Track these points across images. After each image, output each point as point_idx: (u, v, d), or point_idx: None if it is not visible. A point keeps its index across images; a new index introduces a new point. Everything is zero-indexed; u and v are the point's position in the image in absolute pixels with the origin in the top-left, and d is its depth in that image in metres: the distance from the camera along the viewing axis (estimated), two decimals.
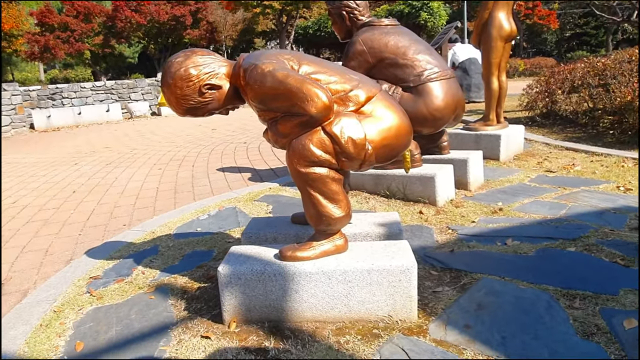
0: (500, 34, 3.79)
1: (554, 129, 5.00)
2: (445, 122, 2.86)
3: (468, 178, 3.07)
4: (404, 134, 1.57)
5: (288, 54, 1.59)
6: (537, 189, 3.04)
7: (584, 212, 2.54)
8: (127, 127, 10.47)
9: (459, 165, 3.07)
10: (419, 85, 2.78)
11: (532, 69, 21.88)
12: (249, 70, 1.50)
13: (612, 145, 4.14)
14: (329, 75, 1.55)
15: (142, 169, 4.93)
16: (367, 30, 2.92)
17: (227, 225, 2.74)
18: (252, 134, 7.17)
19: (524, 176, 3.40)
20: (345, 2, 3.04)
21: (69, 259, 2.53)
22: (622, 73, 4.49)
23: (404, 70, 2.81)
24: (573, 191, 2.95)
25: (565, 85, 4.98)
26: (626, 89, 4.16)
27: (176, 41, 26.90)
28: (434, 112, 2.77)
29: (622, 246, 2.05)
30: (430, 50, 2.90)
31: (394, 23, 2.97)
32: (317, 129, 1.46)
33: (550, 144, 4.39)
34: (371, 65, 2.88)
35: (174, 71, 1.57)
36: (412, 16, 22.48)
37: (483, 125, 4.01)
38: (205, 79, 1.58)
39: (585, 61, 5.21)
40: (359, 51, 2.88)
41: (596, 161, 3.71)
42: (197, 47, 10.25)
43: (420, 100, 2.77)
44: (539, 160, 3.88)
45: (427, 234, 2.39)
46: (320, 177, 1.48)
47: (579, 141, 4.45)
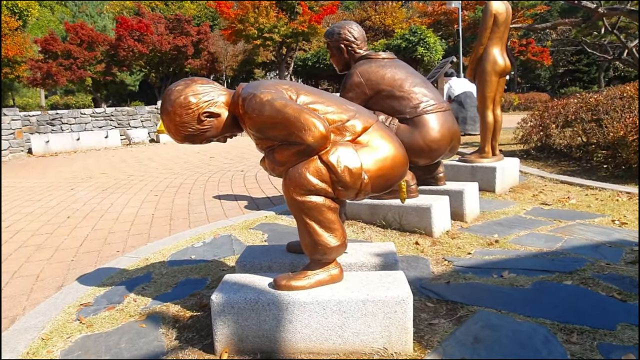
0: (494, 69, 3.88)
1: (548, 162, 5.05)
2: (441, 154, 2.89)
3: (464, 209, 3.07)
4: (400, 164, 1.58)
5: (286, 84, 1.61)
6: (532, 222, 3.04)
7: (580, 245, 2.53)
8: (125, 154, 10.50)
9: (455, 196, 3.08)
10: (415, 117, 2.82)
11: (526, 104, 22.25)
12: (247, 99, 1.53)
13: (606, 179, 4.17)
14: (326, 105, 1.57)
15: (138, 195, 4.92)
16: (364, 62, 2.99)
17: (222, 253, 2.71)
18: (250, 162, 7.20)
19: (519, 208, 3.41)
20: (344, 35, 3.12)
21: (60, 285, 2.49)
22: (614, 109, 4.58)
23: (401, 102, 2.85)
24: (569, 224, 2.95)
25: (559, 120, 5.06)
26: (618, 124, 4.23)
27: (177, 70, 27.30)
28: (430, 143, 2.80)
29: (619, 280, 2.04)
30: (426, 83, 2.96)
31: (391, 56, 3.04)
32: (313, 157, 1.47)
33: (545, 177, 4.42)
34: (368, 96, 2.93)
35: (173, 99, 1.59)
36: (409, 50, 22.98)
37: (479, 157, 4.04)
38: (205, 107, 1.60)
39: (578, 97, 5.31)
40: (357, 83, 2.93)
41: (591, 195, 3.73)
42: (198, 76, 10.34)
43: (416, 132, 2.81)
44: (534, 192, 3.90)
45: (423, 265, 2.37)
46: (317, 205, 1.48)
47: (574, 175, 4.48)
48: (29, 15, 27.21)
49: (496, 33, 3.85)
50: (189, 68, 26.76)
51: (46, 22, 31.84)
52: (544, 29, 8.56)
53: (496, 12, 3.79)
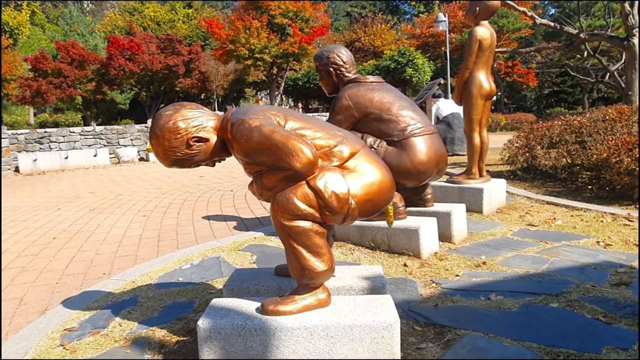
0: (480, 93, 3.96)
1: (534, 183, 5.12)
2: (429, 176, 2.92)
3: (452, 231, 3.10)
4: (387, 189, 1.60)
5: (275, 110, 1.64)
6: (519, 243, 3.07)
7: (566, 266, 2.56)
8: (114, 172, 10.43)
9: (442, 218, 3.11)
10: (402, 140, 2.86)
11: (512, 124, 22.65)
12: (236, 124, 1.55)
13: (590, 200, 4.24)
14: (314, 131, 1.60)
15: (126, 215, 4.88)
16: (353, 86, 3.04)
17: (210, 276, 2.69)
18: (239, 182, 7.19)
19: (506, 229, 3.44)
20: (333, 59, 3.18)
21: (44, 309, 2.45)
22: (597, 131, 4.68)
23: (389, 125, 2.90)
24: (555, 245, 2.99)
25: (544, 141, 5.15)
26: (602, 146, 4.32)
27: (168, 89, 27.39)
28: (418, 165, 2.84)
29: (604, 302, 2.06)
30: (413, 107, 3.01)
31: (379, 80, 3.10)
32: (301, 183, 1.49)
33: (532, 198, 4.48)
34: (357, 119, 2.97)
35: (162, 124, 1.61)
36: (398, 71, 23.33)
37: (466, 178, 4.09)
38: (193, 132, 1.61)
39: (562, 119, 5.42)
40: (345, 106, 2.98)
41: (576, 215, 3.79)
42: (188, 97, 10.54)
43: (404, 154, 2.84)
44: (521, 213, 3.94)
45: (411, 287, 2.38)
46: (304, 230, 1.49)
47: (559, 195, 4.55)
48: (19, 34, 27.22)
49: (481, 58, 3.94)
50: (179, 87, 26.87)
51: (37, 40, 31.86)
52: (528, 52, 8.75)
53: (481, 37, 3.89)
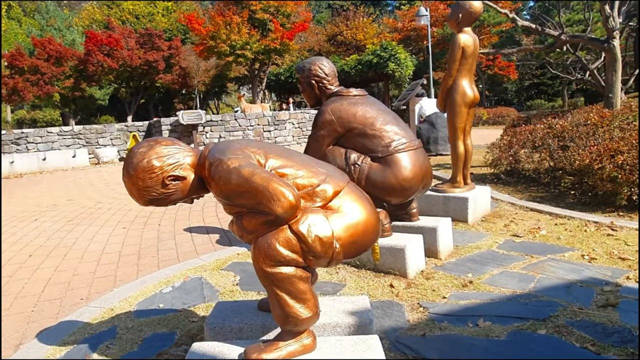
0: (464, 101, 3.92)
1: (518, 187, 5.14)
2: (414, 192, 2.88)
3: (438, 246, 3.07)
4: (372, 229, 1.55)
5: (254, 146, 1.57)
6: (505, 257, 3.06)
7: (552, 285, 2.55)
8: (93, 175, 10.20)
9: (428, 233, 3.08)
10: (387, 156, 2.81)
11: (494, 118, 22.85)
12: (214, 165, 1.47)
13: (573, 207, 4.26)
14: (296, 169, 1.53)
15: (105, 227, 4.75)
16: (335, 100, 2.97)
17: (192, 301, 2.62)
18: None
19: (492, 241, 3.43)
20: (315, 72, 3.10)
21: (18, 344, 2.35)
22: (580, 136, 4.70)
23: (372, 141, 2.84)
24: (540, 260, 2.98)
25: (527, 145, 5.17)
26: (584, 152, 4.34)
27: (148, 85, 26.91)
28: (403, 182, 2.79)
29: (591, 328, 2.05)
30: (397, 121, 2.96)
31: (362, 93, 3.03)
32: (283, 227, 1.42)
33: (516, 204, 4.49)
34: (340, 134, 2.91)
35: (136, 162, 1.52)
36: (381, 66, 23.30)
37: (451, 187, 4.07)
38: (169, 171, 1.53)
39: (545, 122, 5.44)
40: (328, 121, 2.91)
41: (560, 224, 3.80)
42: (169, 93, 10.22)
43: (388, 171, 2.79)
44: (505, 222, 3.94)
45: (398, 312, 2.34)
46: (287, 276, 1.43)
47: (543, 201, 4.57)
48: None
49: (465, 65, 3.90)
50: (160, 83, 26.41)
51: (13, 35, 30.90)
52: (510, 54, 8.83)
53: (464, 45, 3.85)
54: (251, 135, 15.07)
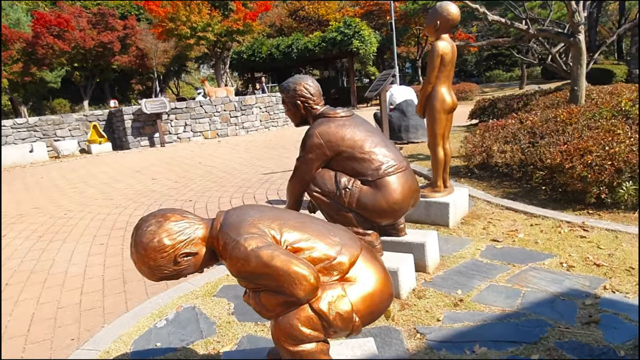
0: (443, 107, 3.98)
1: (491, 182, 5.30)
2: (404, 213, 2.93)
3: (426, 261, 3.16)
4: (387, 296, 1.58)
5: (269, 218, 1.55)
6: (489, 268, 3.19)
7: (537, 300, 2.69)
8: (56, 172, 9.78)
9: (417, 249, 3.16)
10: (377, 180, 2.83)
11: (458, 94, 23.24)
12: (230, 245, 1.45)
13: (546, 204, 4.45)
14: (311, 242, 1.53)
15: (82, 244, 4.60)
16: (323, 122, 2.95)
17: (189, 336, 2.61)
18: (197, 186, 6.96)
19: (474, 249, 3.55)
20: (300, 92, 3.07)
21: None
22: (550, 133, 4.87)
23: (362, 164, 2.85)
24: (522, 269, 3.12)
25: (499, 141, 5.31)
26: (555, 150, 4.50)
27: (104, 67, 25.72)
28: (393, 205, 2.83)
29: (579, 350, 2.19)
30: (385, 142, 2.98)
31: (349, 114, 3.03)
32: (304, 306, 1.43)
33: (492, 202, 4.64)
34: (328, 157, 2.91)
35: (146, 242, 1.48)
36: (345, 43, 23.14)
37: (432, 191, 4.16)
38: (181, 248, 1.50)
39: (515, 117, 5.59)
40: (317, 144, 2.90)
41: (535, 225, 3.96)
42: (126, 75, 9.80)
43: (379, 194, 2.82)
44: (484, 224, 4.08)
45: (397, 339, 2.41)
46: (309, 352, 1.45)
47: (516, 198, 4.74)
48: None
49: (443, 72, 3.94)
50: (116, 65, 25.30)
51: None
52: (481, 47, 8.92)
53: (443, 52, 3.87)
54: (218, 122, 14.77)
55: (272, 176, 7.21)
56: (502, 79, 40.75)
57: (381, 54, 32.22)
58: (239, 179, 7.21)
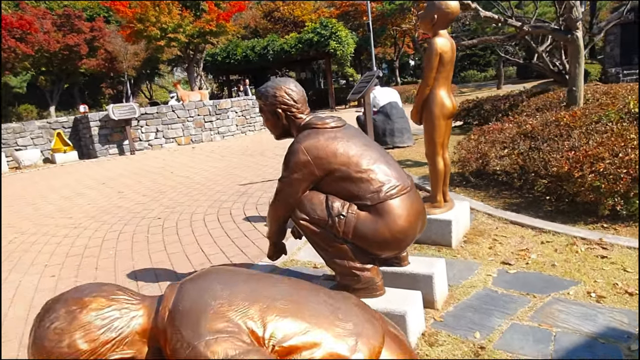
0: (442, 112, 3.53)
1: (489, 192, 4.89)
2: (410, 243, 2.45)
3: (434, 295, 2.68)
4: None
5: (244, 299, 1.02)
6: (506, 301, 2.73)
7: (573, 346, 2.24)
8: (14, 185, 8.99)
9: (424, 281, 2.68)
10: (377, 204, 2.34)
11: None
12: (182, 351, 0.93)
13: (553, 217, 4.04)
14: (312, 334, 1.02)
15: (31, 275, 3.97)
16: (310, 135, 2.45)
17: None
18: (168, 200, 6.35)
19: (485, 275, 3.10)
20: (281, 98, 2.57)
21: None
22: (552, 137, 4.47)
23: (359, 186, 2.36)
24: (545, 302, 2.68)
25: (496, 147, 4.90)
26: (559, 156, 4.11)
27: (71, 71, 24.61)
28: (397, 234, 2.34)
29: None
30: (385, 158, 2.49)
31: (340, 124, 2.53)
32: None
33: (493, 216, 4.21)
34: (318, 177, 2.40)
35: (49, 347, 0.94)
36: (322, 45, 22.70)
37: (431, 207, 3.70)
38: (106, 353, 0.96)
39: (512, 119, 5.20)
40: (303, 162, 2.39)
41: (546, 242, 3.55)
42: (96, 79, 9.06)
43: (380, 222, 2.33)
44: (489, 242, 3.65)
45: None
46: None
47: (519, 209, 4.33)
48: None
49: (442, 73, 3.49)
50: (84, 68, 24.25)
51: None
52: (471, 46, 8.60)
53: (442, 50, 3.42)
54: (191, 127, 14.10)
55: (250, 187, 6.65)
56: (478, 79, 41.05)
57: (358, 55, 31.91)
58: (213, 191, 6.63)
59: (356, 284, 2.43)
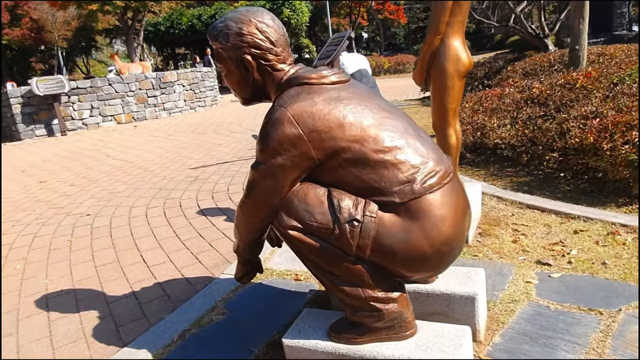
0: (457, 70, 2.71)
1: (491, 169, 4.17)
2: (455, 258, 1.63)
3: (477, 324, 1.89)
4: None
5: None
6: (567, 322, 2.00)
7: None
8: None
9: (460, 304, 1.88)
10: (410, 202, 1.50)
11: (395, 67, 22.40)
12: None
13: (576, 199, 3.38)
14: None
15: None
16: (300, 95, 1.56)
17: None
18: (101, 190, 5.24)
19: (523, 282, 2.36)
20: (250, 38, 1.65)
21: None
22: (566, 103, 3.78)
23: (380, 173, 1.50)
24: (616, 319, 1.97)
25: (497, 116, 4.17)
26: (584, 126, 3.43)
27: None
28: (441, 246, 1.52)
29: None
30: (415, 129, 1.64)
31: (344, 78, 1.65)
32: None
33: (504, 199, 3.50)
34: (316, 162, 1.53)
35: None
36: (275, 13, 21.34)
37: None
38: None
39: (511, 83, 4.48)
40: (291, 138, 1.50)
41: (581, 231, 2.86)
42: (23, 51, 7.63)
43: (415, 228, 1.50)
44: (510, 234, 2.93)
45: None
46: None
47: (532, 190, 3.65)
48: None
49: (457, 16, 2.65)
50: (7, 40, 21.61)
51: None
52: None
53: None
54: (132, 103, 12.65)
55: (204, 171, 5.63)
56: None
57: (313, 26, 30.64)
58: (159, 177, 5.56)
59: (376, 321, 1.61)
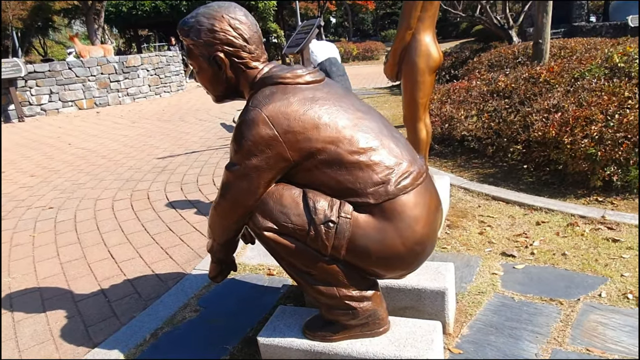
0: (428, 65, 2.74)
1: (457, 160, 4.27)
2: (427, 257, 1.67)
3: (447, 317, 1.96)
4: None
5: None
6: (530, 313, 2.10)
7: None
8: None
9: (431, 299, 1.94)
10: (385, 202, 1.52)
11: (364, 53, 22.42)
12: None
13: (538, 190, 3.52)
14: None
15: None
16: (274, 95, 1.55)
17: None
18: (63, 181, 5.06)
19: (489, 274, 2.46)
20: (223, 35, 1.63)
21: None
22: (530, 97, 3.90)
23: (355, 174, 1.52)
24: (577, 309, 2.08)
25: (463, 109, 4.26)
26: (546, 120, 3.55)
27: None
28: (415, 246, 1.56)
29: None
30: (389, 129, 1.66)
31: (319, 77, 1.65)
32: None
33: (470, 190, 3.60)
34: (291, 163, 1.53)
35: None
36: None
37: None
38: None
39: (478, 75, 4.57)
40: (266, 139, 1.50)
41: (542, 223, 2.99)
42: None
43: (389, 228, 1.53)
44: (477, 225, 3.03)
45: None
46: None
47: (497, 182, 3.77)
48: None
49: (428, 11, 2.68)
50: None
51: None
52: None
53: None
54: (94, 88, 12.19)
55: (171, 161, 5.52)
56: None
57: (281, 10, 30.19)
58: (124, 168, 5.41)
59: (351, 319, 1.64)
